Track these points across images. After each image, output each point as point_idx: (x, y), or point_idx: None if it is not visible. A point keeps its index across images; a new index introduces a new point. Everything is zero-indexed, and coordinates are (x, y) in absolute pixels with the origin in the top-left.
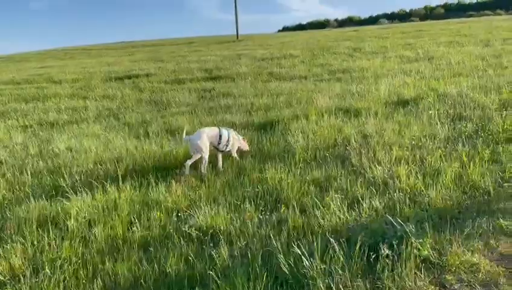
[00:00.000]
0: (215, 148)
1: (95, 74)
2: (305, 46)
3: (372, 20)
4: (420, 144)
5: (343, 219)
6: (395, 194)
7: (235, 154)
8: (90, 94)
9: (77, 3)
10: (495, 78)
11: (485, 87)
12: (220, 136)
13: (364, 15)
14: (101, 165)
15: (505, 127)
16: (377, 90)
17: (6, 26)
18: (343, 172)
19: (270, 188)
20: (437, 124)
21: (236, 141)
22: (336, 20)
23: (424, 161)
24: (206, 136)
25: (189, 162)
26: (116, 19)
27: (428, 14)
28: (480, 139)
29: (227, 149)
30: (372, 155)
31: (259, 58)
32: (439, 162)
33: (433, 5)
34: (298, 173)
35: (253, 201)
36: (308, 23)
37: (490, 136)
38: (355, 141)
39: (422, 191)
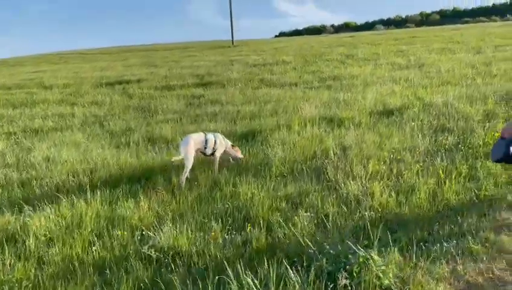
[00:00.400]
0: (202, 153)
1: (86, 79)
2: (299, 52)
3: (369, 26)
4: (399, 157)
5: (308, 241)
6: (366, 213)
7: (218, 158)
8: (79, 100)
9: (77, 7)
10: (482, 87)
11: (471, 97)
12: (206, 141)
13: (360, 21)
14: (74, 177)
15: (486, 140)
16: (363, 99)
17: (4, 28)
18: (317, 187)
19: (241, 204)
20: (418, 136)
21: (221, 146)
22: (333, 26)
23: (401, 176)
24: (193, 143)
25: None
26: (117, 23)
27: (424, 20)
28: (460, 153)
29: (214, 153)
30: (349, 169)
31: (252, 64)
32: (415, 178)
33: (429, 11)
34: (272, 187)
35: (222, 219)
36: (305, 29)
37: (470, 150)
38: (333, 154)
39: (394, 210)
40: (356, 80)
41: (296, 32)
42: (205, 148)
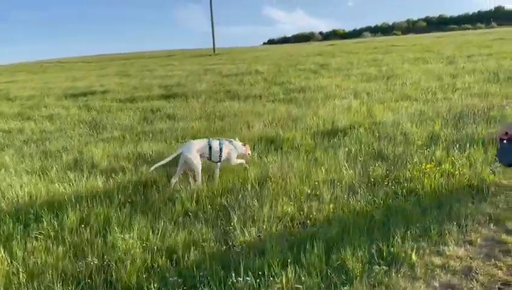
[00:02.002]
0: (208, 160)
1: (53, 90)
2: (276, 61)
3: (356, 34)
4: (318, 193)
5: None
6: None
7: (236, 162)
8: (36, 114)
9: (63, 16)
10: (440, 104)
11: (423, 115)
12: (210, 148)
13: (349, 28)
14: None
15: (414, 174)
16: (315, 116)
17: None
18: (211, 235)
19: (116, 257)
20: (347, 165)
21: (232, 150)
22: (321, 33)
23: (306, 222)
24: (195, 149)
25: (173, 181)
26: (106, 31)
27: (411, 27)
28: (383, 189)
29: (223, 160)
30: (253, 211)
31: (225, 74)
32: (317, 226)
33: (415, 18)
34: (163, 234)
35: (85, 282)
36: (293, 36)
37: (397, 184)
38: (251, 187)
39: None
40: (319, 93)
41: (284, 40)
42: (210, 154)
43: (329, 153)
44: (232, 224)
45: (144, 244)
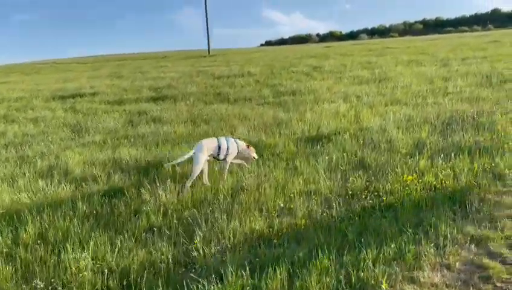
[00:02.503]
0: (215, 158)
1: (42, 92)
2: (270, 63)
3: (353, 35)
4: (292, 206)
5: None
6: None
7: (228, 163)
8: (22, 116)
9: (61, 17)
10: (429, 109)
11: (411, 120)
12: (219, 147)
13: (346, 30)
14: None
15: (394, 186)
16: (301, 120)
17: None
18: (170, 256)
19: (65, 280)
20: (326, 176)
21: (234, 150)
22: (318, 35)
23: (273, 242)
24: (206, 149)
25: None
26: (106, 32)
27: (407, 29)
28: (361, 203)
29: (228, 157)
30: (226, 224)
31: (217, 76)
32: (285, 246)
33: (412, 20)
34: (121, 253)
35: None
36: (290, 38)
37: (375, 198)
38: (223, 199)
39: None
40: (309, 96)
41: (282, 42)
42: (218, 154)
43: (310, 161)
44: (195, 243)
45: (98, 265)
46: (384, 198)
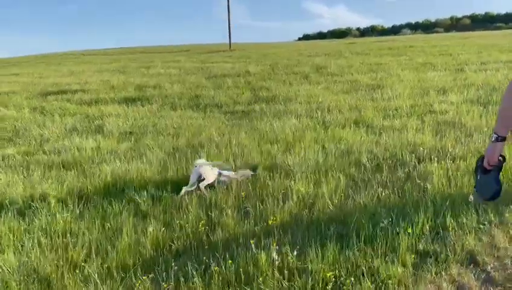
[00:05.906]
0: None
1: (35, 87)
2: (279, 60)
3: (395, 30)
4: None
5: None
6: None
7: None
8: None
9: (108, 7)
10: (383, 138)
11: (348, 155)
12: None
13: (388, 24)
14: None
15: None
16: (237, 145)
17: (38, 27)
18: None
19: None
20: None
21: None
22: (358, 29)
23: None
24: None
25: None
26: (145, 24)
27: (454, 24)
28: None
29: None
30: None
31: (214, 75)
32: None
33: (460, 15)
34: None
35: None
36: (330, 32)
37: None
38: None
39: None
40: (281, 106)
41: (321, 35)
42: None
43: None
44: None
45: None
46: None
